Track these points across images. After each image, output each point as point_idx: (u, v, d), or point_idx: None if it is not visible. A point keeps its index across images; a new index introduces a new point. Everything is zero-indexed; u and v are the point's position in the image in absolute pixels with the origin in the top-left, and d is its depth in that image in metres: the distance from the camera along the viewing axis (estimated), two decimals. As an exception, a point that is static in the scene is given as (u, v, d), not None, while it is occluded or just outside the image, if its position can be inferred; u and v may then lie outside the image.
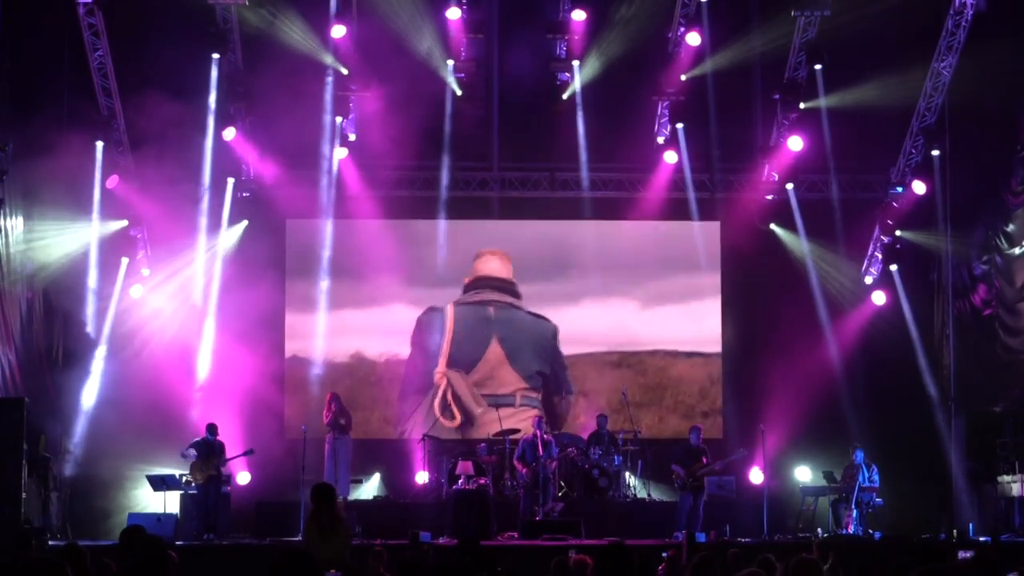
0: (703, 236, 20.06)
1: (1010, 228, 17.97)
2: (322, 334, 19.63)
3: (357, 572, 10.23)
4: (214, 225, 19.11)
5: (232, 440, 17.43)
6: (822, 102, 18.64)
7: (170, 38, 17.82)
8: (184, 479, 17.05)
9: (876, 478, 17.08)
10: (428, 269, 19.85)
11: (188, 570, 8.66)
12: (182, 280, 19.02)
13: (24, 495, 15.28)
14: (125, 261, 18.79)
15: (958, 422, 18.83)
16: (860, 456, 17.11)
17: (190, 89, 18.09)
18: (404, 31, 18.46)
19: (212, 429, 17.02)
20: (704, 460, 16.88)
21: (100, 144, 18.17)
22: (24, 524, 15.06)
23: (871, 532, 16.63)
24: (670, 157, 19.54)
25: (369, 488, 19.03)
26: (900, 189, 19.30)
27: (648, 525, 16.76)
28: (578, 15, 18.52)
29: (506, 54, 19.60)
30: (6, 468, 15.00)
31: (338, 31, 18.26)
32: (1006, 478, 17.39)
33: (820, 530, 16.88)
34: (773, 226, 19.86)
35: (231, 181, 19.26)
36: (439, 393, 19.55)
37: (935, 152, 18.81)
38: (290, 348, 19.74)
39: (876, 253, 19.61)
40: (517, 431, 18.11)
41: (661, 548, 12.56)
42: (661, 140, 19.92)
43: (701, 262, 19.98)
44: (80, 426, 18.09)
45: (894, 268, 19.48)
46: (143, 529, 9.12)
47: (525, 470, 17.03)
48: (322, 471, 17.56)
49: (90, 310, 18.45)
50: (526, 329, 19.85)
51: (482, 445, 18.32)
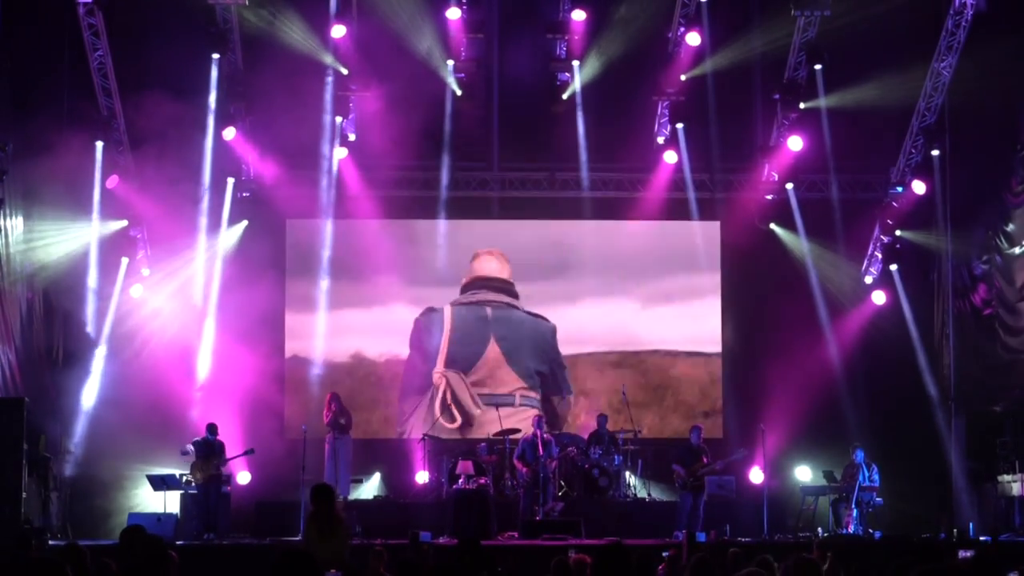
0: (703, 236, 20.06)
1: (1010, 228, 17.96)
2: (322, 334, 19.62)
3: (357, 572, 10.23)
4: (214, 225, 19.11)
5: (232, 440, 17.44)
6: (822, 102, 18.64)
7: (170, 38, 17.83)
8: (184, 479, 17.05)
9: (876, 478, 17.08)
10: (428, 269, 19.86)
11: (188, 570, 8.66)
12: (182, 280, 19.02)
13: (24, 495, 15.29)
14: (125, 261, 18.79)
15: (958, 422, 18.83)
16: (860, 456, 17.10)
17: (190, 89, 18.09)
18: (404, 31, 18.46)
19: (212, 429, 17.03)
20: (704, 460, 16.88)
21: (100, 144, 18.18)
22: (24, 524, 15.06)
23: (871, 532, 16.63)
24: (670, 157, 19.55)
25: (369, 488, 19.03)
26: (900, 189, 19.30)
27: (648, 525, 16.76)
28: (578, 15, 18.52)
29: (506, 54, 19.59)
30: (6, 468, 15.00)
31: (338, 31, 18.27)
32: (1006, 478, 17.39)
33: (820, 530, 16.88)
34: (773, 226, 19.86)
35: (231, 181, 19.27)
36: (438, 394, 19.54)
37: (935, 152, 18.82)
38: (290, 348, 19.74)
39: (876, 253, 19.60)
40: (517, 431, 18.11)
41: (661, 548, 12.55)
42: (661, 140, 19.92)
43: (701, 262, 19.99)
44: (80, 426, 18.10)
45: (894, 268, 19.48)
46: (143, 529, 9.12)
47: (525, 469, 17.02)
48: (322, 471, 17.56)
49: (90, 310, 18.45)
50: (524, 329, 19.85)
51: (482, 445, 18.32)
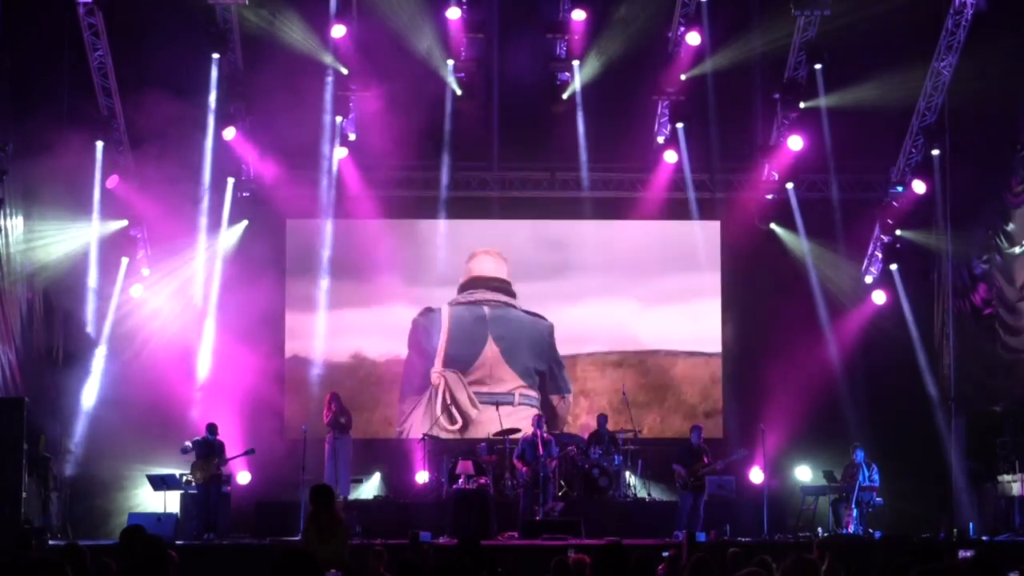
0: (703, 236, 20.07)
1: (1010, 227, 17.96)
2: (322, 334, 19.62)
3: (357, 572, 10.22)
4: (214, 225, 19.10)
5: (232, 440, 17.43)
6: (822, 102, 18.64)
7: (170, 38, 17.83)
8: (184, 479, 17.04)
9: (876, 478, 17.07)
10: (428, 269, 19.86)
11: (188, 570, 8.66)
12: (182, 280, 19.01)
13: (24, 495, 15.29)
14: (125, 261, 18.79)
15: (958, 422, 18.83)
16: (860, 456, 17.10)
17: (190, 89, 18.09)
18: (404, 31, 18.46)
19: (212, 429, 17.04)
20: (705, 460, 16.89)
21: (100, 144, 18.18)
22: (24, 524, 15.06)
23: (871, 532, 16.62)
24: (670, 157, 19.54)
25: (369, 488, 19.03)
26: (900, 189, 19.29)
27: (648, 525, 16.76)
28: (578, 15, 18.51)
29: (506, 54, 19.57)
30: (6, 468, 15.01)
31: (338, 31, 18.26)
32: (1006, 478, 17.39)
33: (820, 530, 16.88)
34: (773, 226, 19.85)
35: (231, 181, 19.26)
36: (438, 394, 19.55)
37: (935, 152, 18.81)
38: (290, 348, 19.74)
39: (876, 253, 19.60)
40: (517, 431, 18.10)
41: (661, 548, 12.54)
42: (661, 140, 19.91)
43: (701, 262, 19.98)
44: (80, 426, 18.10)
45: (894, 268, 19.48)
46: (143, 529, 9.12)
47: (525, 469, 17.02)
48: (322, 471, 17.56)
49: (90, 310, 18.45)
50: (522, 328, 19.84)
51: (482, 445, 18.32)
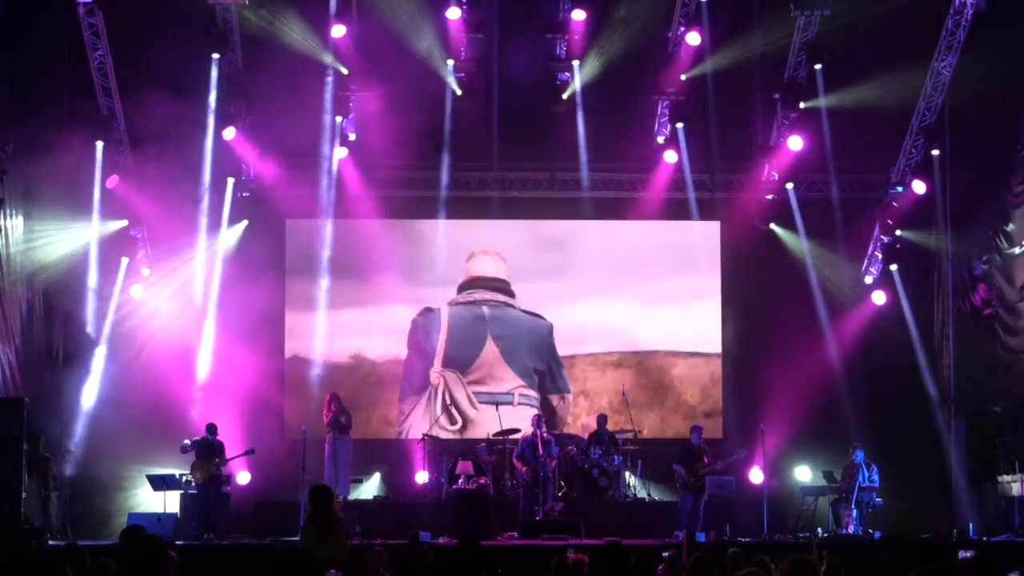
0: (703, 236, 20.07)
1: (1010, 228, 17.96)
2: (322, 334, 19.61)
3: (356, 572, 10.22)
4: (214, 225, 19.10)
5: (232, 440, 17.43)
6: (822, 102, 18.64)
7: (170, 38, 17.81)
8: (184, 479, 17.04)
9: (876, 478, 17.07)
10: (428, 269, 19.85)
11: (188, 570, 8.66)
12: (182, 280, 19.01)
13: (24, 495, 15.29)
14: (125, 261, 18.79)
15: (958, 422, 18.83)
16: (860, 456, 17.09)
17: (190, 89, 18.09)
18: (404, 31, 18.46)
19: (212, 429, 17.03)
20: (705, 460, 16.89)
21: (100, 144, 18.19)
22: (24, 524, 15.06)
23: (871, 532, 16.62)
24: (670, 157, 19.54)
25: (369, 488, 19.03)
26: (900, 189, 19.28)
27: (648, 525, 16.78)
28: (578, 15, 18.52)
29: (506, 54, 19.57)
30: (6, 468, 15.01)
31: (338, 31, 18.26)
32: (1006, 478, 17.39)
33: (820, 530, 16.88)
34: (773, 226, 19.85)
35: (231, 181, 19.26)
36: (437, 394, 19.55)
37: (935, 152, 18.81)
38: (290, 348, 19.74)
39: (876, 253, 19.59)
40: (517, 431, 18.09)
41: (661, 548, 12.54)
42: (661, 140, 19.91)
43: (701, 262, 19.98)
44: (80, 426, 18.09)
45: (894, 268, 19.47)
46: (143, 529, 9.12)
47: (525, 469, 17.02)
48: (322, 471, 17.56)
49: (90, 310, 18.45)
50: (521, 327, 19.84)
51: (482, 445, 18.32)
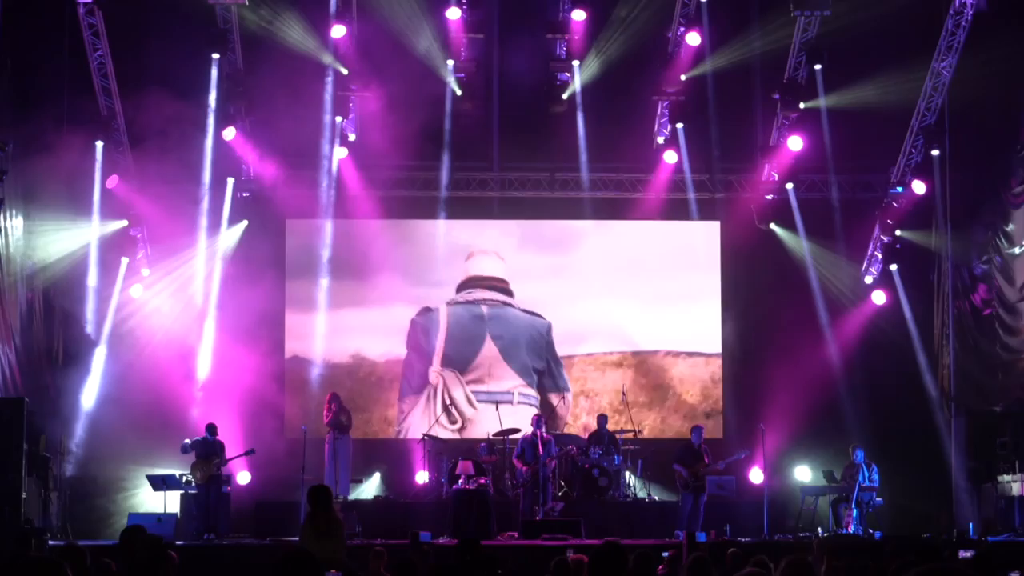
0: (703, 236, 20.08)
1: (1010, 228, 17.96)
2: (322, 334, 19.62)
3: (355, 572, 10.22)
4: (214, 225, 19.11)
5: (232, 440, 17.43)
6: (822, 102, 18.65)
7: (170, 38, 17.84)
8: (184, 479, 17.04)
9: (876, 478, 17.07)
10: (428, 269, 19.86)
11: (188, 570, 8.67)
12: (182, 280, 19.03)
13: (24, 495, 15.29)
14: (125, 261, 18.80)
15: (958, 422, 18.82)
16: (860, 456, 17.10)
17: (190, 89, 18.10)
18: (404, 31, 18.46)
19: (212, 429, 17.03)
20: (706, 460, 16.89)
21: (100, 144, 18.21)
22: (24, 524, 15.06)
23: (871, 532, 16.62)
24: (670, 157, 19.55)
25: (369, 488, 19.03)
26: (900, 189, 19.28)
27: (648, 525, 16.79)
28: (578, 15, 18.51)
29: (506, 54, 19.58)
30: (6, 468, 15.02)
31: (338, 31, 18.27)
32: (1006, 478, 17.38)
33: (820, 530, 16.88)
34: (773, 226, 19.85)
35: (231, 181, 19.27)
36: (437, 394, 19.55)
37: (935, 152, 18.81)
38: (290, 348, 19.74)
39: (876, 253, 19.60)
40: (517, 431, 18.08)
41: (661, 548, 12.54)
42: (661, 140, 19.93)
43: (701, 262, 19.99)
44: (80, 426, 18.10)
45: (894, 268, 19.48)
46: (143, 529, 9.11)
47: (524, 468, 17.02)
48: (322, 471, 17.56)
49: (90, 310, 18.46)
50: (520, 326, 19.85)
51: (482, 445, 18.32)
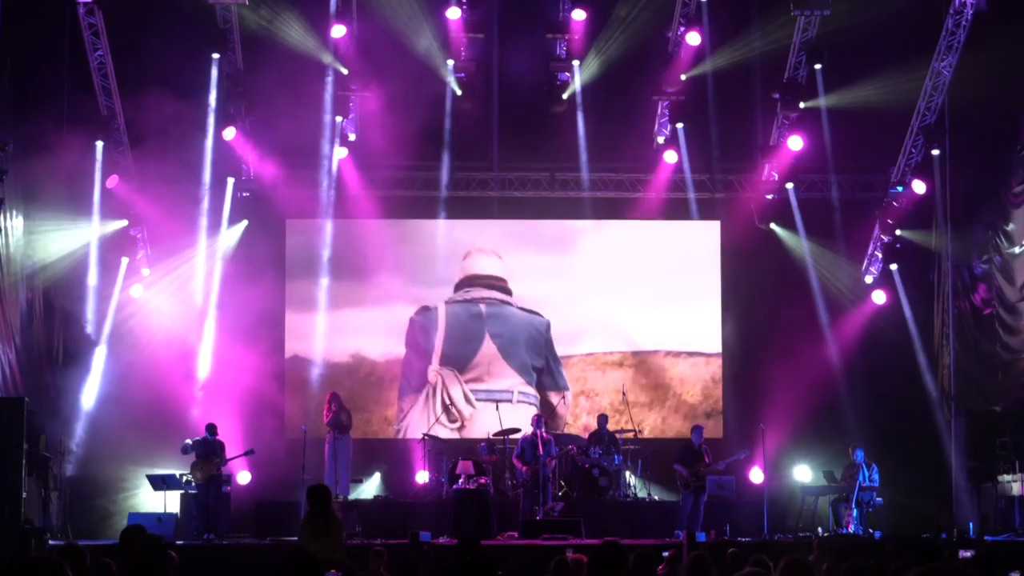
0: (703, 236, 20.07)
1: (1010, 227, 17.97)
2: (322, 334, 19.62)
3: (355, 572, 10.23)
4: (214, 225, 19.12)
5: (232, 440, 17.43)
6: (822, 102, 18.65)
7: (170, 38, 17.85)
8: (184, 479, 17.04)
9: (876, 477, 17.08)
10: (428, 268, 19.85)
11: (188, 570, 8.68)
12: (182, 280, 19.03)
13: (24, 495, 15.29)
14: (125, 261, 18.80)
15: (958, 422, 18.82)
16: (860, 455, 17.10)
17: (190, 89, 18.10)
18: (404, 31, 18.47)
19: (212, 429, 17.02)
20: (706, 460, 16.89)
21: (100, 143, 18.21)
22: (24, 524, 15.06)
23: (871, 532, 16.62)
24: (670, 157, 19.55)
25: (369, 488, 19.03)
26: (900, 189, 19.28)
27: (648, 525, 16.78)
28: (578, 15, 18.52)
29: (506, 54, 19.58)
30: (6, 468, 15.02)
31: (338, 31, 18.27)
32: (1006, 478, 17.38)
33: (820, 530, 16.88)
34: (773, 226, 19.85)
35: (231, 181, 19.27)
36: (436, 392, 19.55)
37: (935, 152, 18.81)
38: (290, 348, 19.74)
39: (876, 253, 19.60)
40: (517, 430, 18.08)
41: (661, 548, 12.54)
42: (661, 140, 19.93)
43: (701, 262, 19.98)
44: (80, 426, 18.10)
45: (894, 268, 19.48)
46: (143, 529, 9.11)
47: (524, 468, 17.02)
48: (322, 471, 17.56)
49: (90, 310, 18.46)
50: (518, 325, 19.84)
51: (482, 444, 18.31)
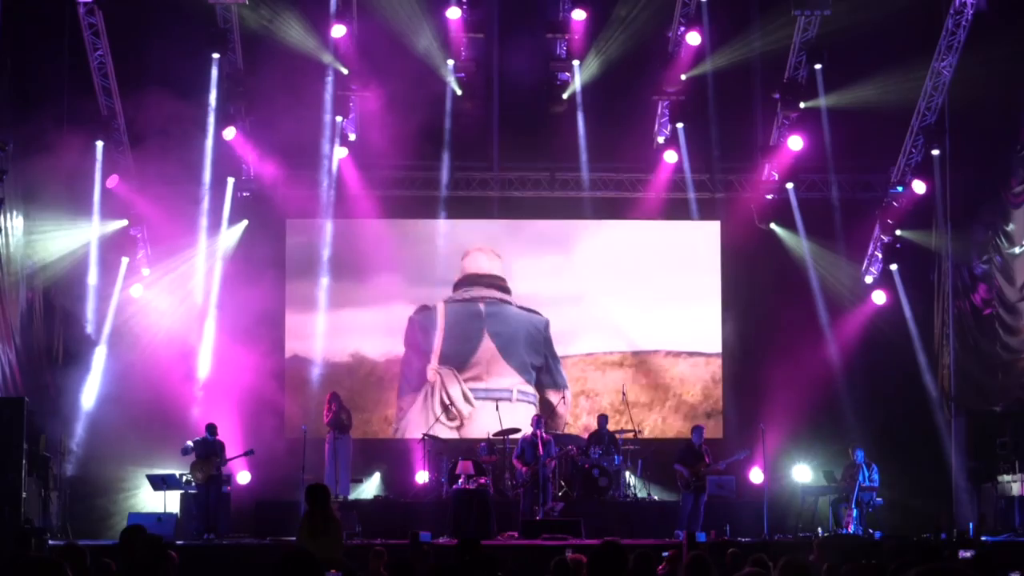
0: (703, 236, 20.07)
1: (1010, 228, 17.97)
2: (322, 334, 19.62)
3: (354, 572, 10.23)
4: (214, 225, 19.11)
5: (232, 439, 17.43)
6: (822, 102, 18.65)
7: (170, 37, 17.85)
8: (184, 479, 17.04)
9: (876, 478, 17.08)
10: (428, 268, 19.85)
11: (188, 570, 8.68)
12: (182, 280, 19.03)
13: (24, 495, 15.29)
14: (125, 260, 18.80)
15: (958, 422, 18.82)
16: (860, 456, 17.11)
17: (190, 89, 18.10)
18: (404, 31, 18.47)
19: (212, 429, 17.02)
20: (707, 460, 16.89)
21: (100, 143, 18.21)
22: (24, 524, 15.05)
23: (871, 532, 16.62)
24: (670, 157, 19.55)
25: (369, 488, 19.03)
26: (900, 189, 19.28)
27: (648, 525, 16.79)
28: (578, 15, 18.52)
29: (506, 54, 19.58)
30: (6, 468, 15.01)
31: (338, 31, 18.27)
32: (1006, 478, 17.38)
33: (820, 530, 16.89)
34: (773, 226, 19.85)
35: (231, 181, 19.27)
36: (435, 391, 19.55)
37: (935, 152, 18.82)
38: (290, 348, 19.74)
39: (876, 253, 19.60)
40: (517, 430, 18.08)
41: (661, 548, 12.54)
42: (661, 140, 19.93)
43: (701, 262, 19.98)
44: (80, 426, 18.10)
45: (894, 268, 19.48)
46: (143, 529, 9.11)
47: (524, 468, 17.02)
48: (322, 471, 17.57)
49: (90, 309, 18.46)
50: (517, 323, 19.85)
51: (482, 445, 18.31)
